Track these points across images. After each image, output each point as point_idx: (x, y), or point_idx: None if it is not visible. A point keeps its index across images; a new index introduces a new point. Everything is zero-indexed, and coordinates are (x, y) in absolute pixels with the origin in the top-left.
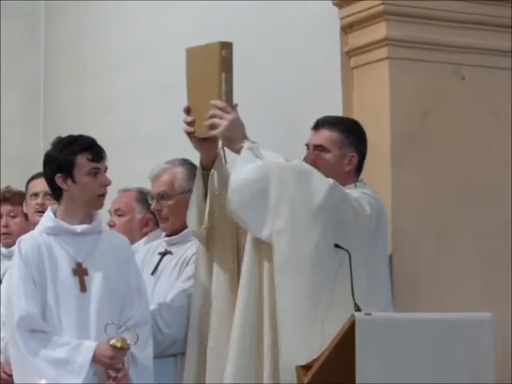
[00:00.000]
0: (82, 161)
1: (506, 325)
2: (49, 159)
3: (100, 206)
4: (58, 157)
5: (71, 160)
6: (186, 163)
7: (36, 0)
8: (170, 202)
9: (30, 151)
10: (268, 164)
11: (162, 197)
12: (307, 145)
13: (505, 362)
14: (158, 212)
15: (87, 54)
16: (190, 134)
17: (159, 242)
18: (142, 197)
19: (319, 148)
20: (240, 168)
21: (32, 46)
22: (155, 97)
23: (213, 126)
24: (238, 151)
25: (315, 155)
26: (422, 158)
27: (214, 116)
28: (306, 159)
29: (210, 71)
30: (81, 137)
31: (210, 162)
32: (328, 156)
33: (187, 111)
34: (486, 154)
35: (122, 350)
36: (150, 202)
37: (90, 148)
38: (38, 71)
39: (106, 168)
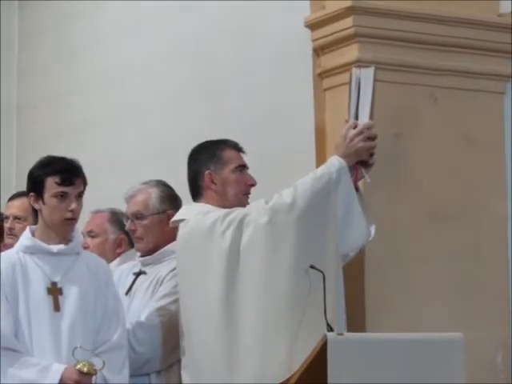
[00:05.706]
0: (51, 183)
1: (476, 345)
2: (28, 177)
3: (67, 229)
4: (33, 176)
5: (42, 181)
6: (161, 184)
7: (10, 23)
8: (144, 222)
9: (4, 174)
10: None
11: (136, 217)
12: (243, 166)
13: (474, 382)
14: (132, 232)
15: (61, 76)
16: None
17: (134, 262)
18: (115, 217)
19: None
20: None
21: (5, 69)
22: (129, 119)
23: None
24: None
25: None
26: (394, 180)
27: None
28: (251, 179)
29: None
30: (58, 159)
31: None
32: None
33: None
34: (457, 176)
35: (88, 374)
36: (125, 222)
37: (60, 171)
38: (12, 94)
39: (81, 193)
